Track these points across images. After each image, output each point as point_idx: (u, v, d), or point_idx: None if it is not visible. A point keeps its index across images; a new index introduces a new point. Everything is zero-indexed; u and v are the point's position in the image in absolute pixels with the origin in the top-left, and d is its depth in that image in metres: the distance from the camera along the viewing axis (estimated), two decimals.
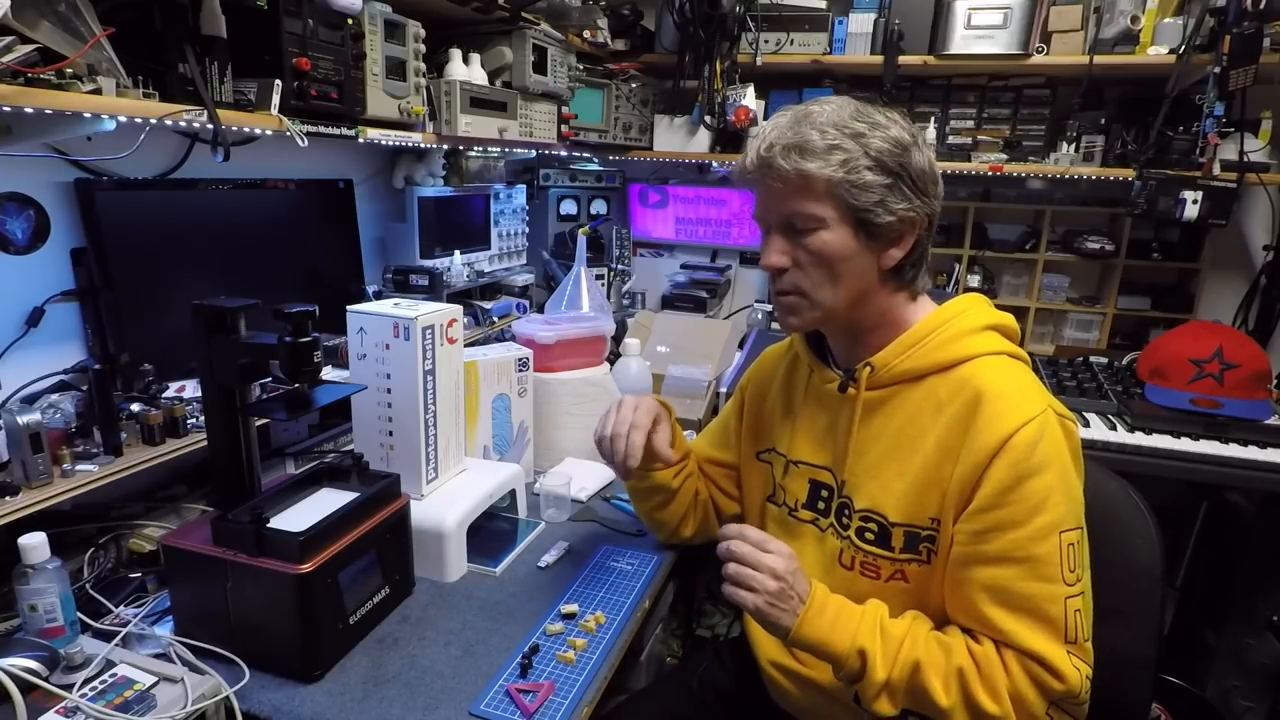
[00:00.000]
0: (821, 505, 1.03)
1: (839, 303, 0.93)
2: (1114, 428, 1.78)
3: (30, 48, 0.84)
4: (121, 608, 1.06)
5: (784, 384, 1.12)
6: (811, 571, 1.00)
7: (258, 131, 1.20)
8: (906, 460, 0.92)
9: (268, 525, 0.95)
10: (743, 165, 0.94)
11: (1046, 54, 1.97)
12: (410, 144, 1.47)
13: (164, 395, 1.21)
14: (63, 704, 0.83)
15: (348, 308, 1.20)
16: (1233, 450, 1.67)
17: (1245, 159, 1.84)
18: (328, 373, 1.13)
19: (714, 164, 2.44)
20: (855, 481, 0.97)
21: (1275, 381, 1.88)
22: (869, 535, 0.95)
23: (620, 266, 2.34)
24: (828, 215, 0.89)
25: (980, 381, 0.88)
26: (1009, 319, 0.98)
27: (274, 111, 1.12)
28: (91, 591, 1.07)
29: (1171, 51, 1.86)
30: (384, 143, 1.41)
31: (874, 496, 0.95)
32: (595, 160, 2.45)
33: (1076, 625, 0.83)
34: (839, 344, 1.02)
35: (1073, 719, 0.87)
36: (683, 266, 2.71)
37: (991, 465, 0.84)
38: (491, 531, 1.32)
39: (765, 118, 2.21)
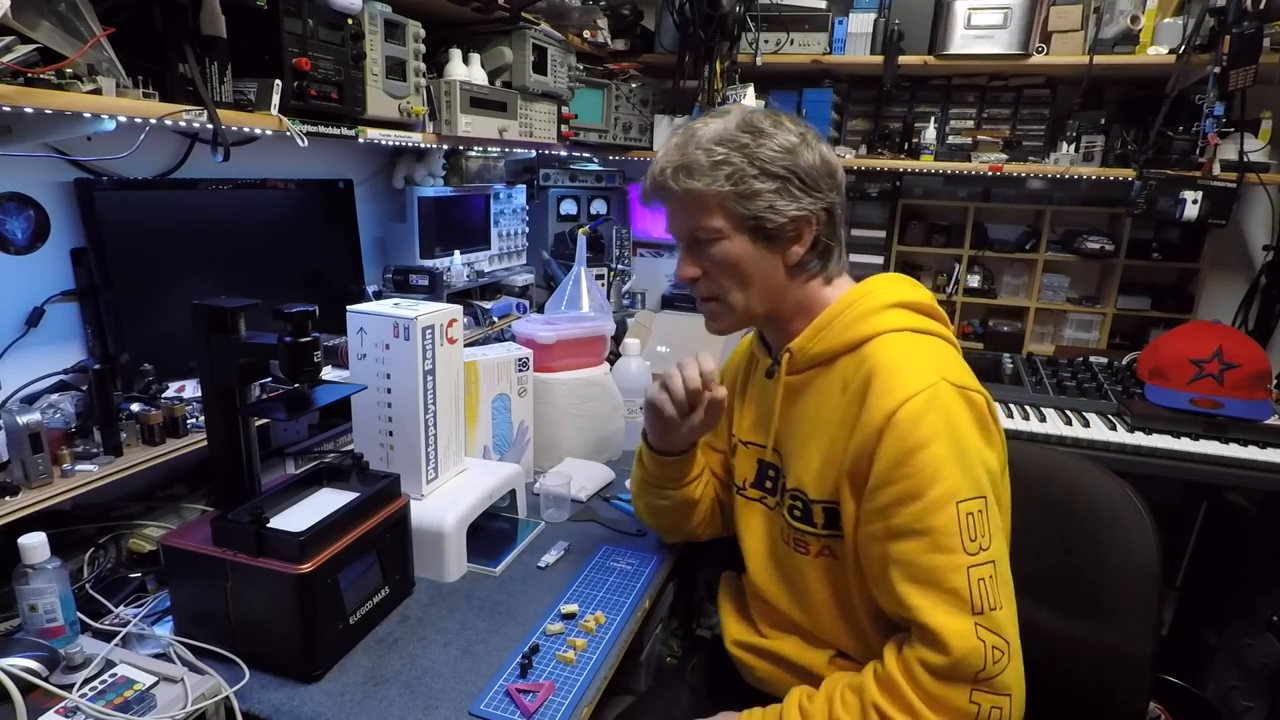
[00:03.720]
0: (769, 485, 1.07)
1: (753, 302, 0.99)
2: (1114, 428, 1.78)
3: (30, 48, 0.84)
4: (121, 608, 1.06)
5: (744, 370, 1.16)
6: (759, 548, 1.08)
7: (258, 131, 1.20)
8: (819, 438, 0.96)
9: (268, 525, 0.95)
10: (644, 190, 1.01)
11: (1046, 54, 1.97)
12: (410, 144, 1.47)
13: (164, 395, 1.21)
14: (63, 704, 0.83)
15: (348, 308, 1.19)
16: (1232, 450, 1.67)
17: (1245, 159, 1.84)
18: (328, 373, 1.13)
19: None
20: (786, 462, 1.02)
21: (1275, 381, 1.89)
22: (796, 512, 0.99)
23: (620, 266, 2.34)
24: (723, 226, 0.95)
25: (875, 359, 0.90)
26: (921, 293, 0.99)
27: (274, 111, 1.12)
28: (91, 591, 1.07)
29: (1171, 51, 1.86)
30: (384, 143, 1.41)
31: (798, 475, 0.99)
32: (595, 160, 2.45)
33: (983, 594, 0.82)
34: (770, 333, 1.07)
35: (999, 696, 0.81)
36: None
37: (881, 441, 0.86)
38: (491, 531, 1.32)
39: None
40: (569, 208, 2.44)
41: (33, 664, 0.84)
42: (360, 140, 1.32)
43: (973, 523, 0.83)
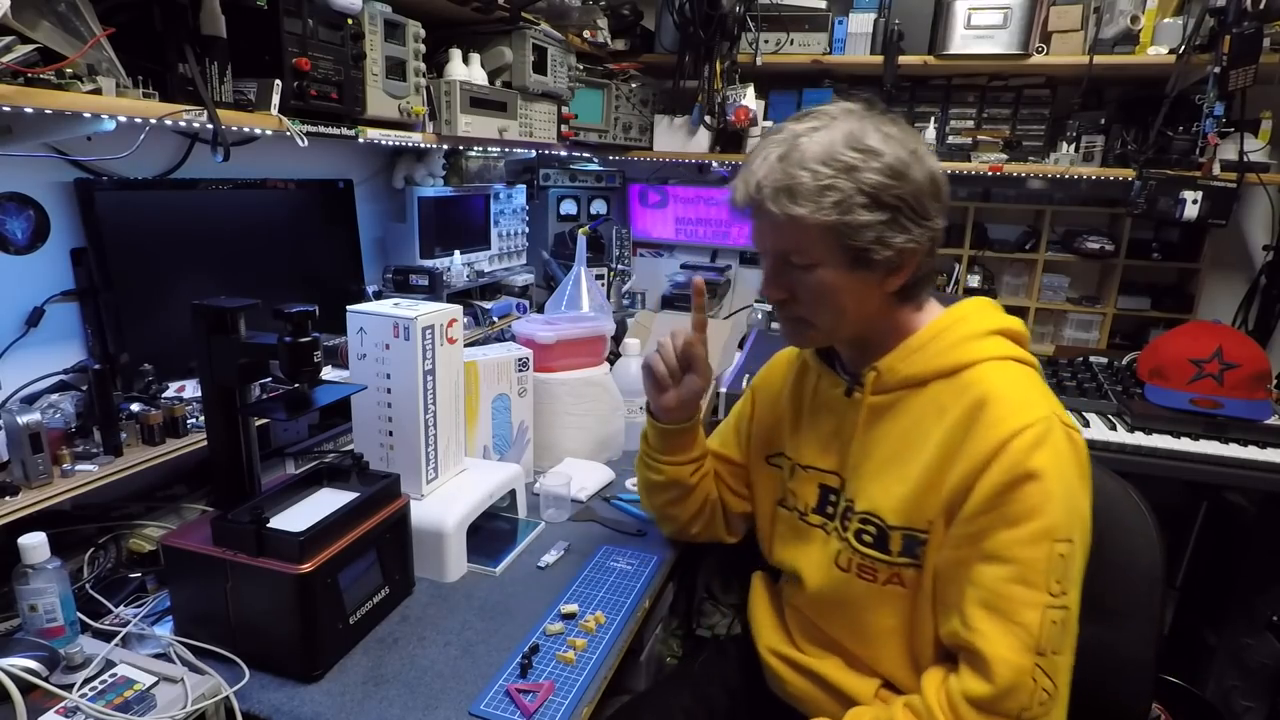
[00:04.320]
0: (830, 509, 1.03)
1: (842, 327, 0.95)
2: (1114, 428, 1.78)
3: (30, 48, 0.84)
4: (121, 608, 1.06)
5: (794, 389, 1.12)
6: (814, 572, 1.03)
7: (258, 131, 1.20)
8: (908, 464, 0.91)
9: (268, 525, 0.95)
10: (733, 201, 0.94)
11: (1046, 54, 1.97)
12: (410, 144, 1.47)
13: (164, 395, 1.21)
14: (62, 704, 0.83)
15: (348, 308, 1.19)
16: (1232, 450, 1.67)
17: (1245, 159, 1.84)
18: (328, 373, 1.13)
19: (714, 164, 2.44)
20: (858, 485, 0.97)
21: (1275, 381, 1.88)
22: (866, 538, 0.95)
23: (620, 266, 2.34)
24: (823, 255, 0.88)
25: (984, 387, 0.87)
26: (1016, 323, 0.96)
27: (274, 111, 1.12)
28: (91, 591, 1.07)
29: (1171, 51, 1.85)
30: (384, 143, 1.41)
31: (874, 499, 0.94)
32: (595, 160, 2.45)
33: (1050, 637, 0.81)
34: (846, 351, 1.02)
35: None
36: (683, 266, 2.71)
37: (988, 468, 0.83)
38: (491, 531, 1.32)
39: (765, 117, 2.23)
40: (569, 208, 2.45)
41: (33, 664, 0.84)
42: (360, 140, 1.32)
43: (1061, 564, 0.82)
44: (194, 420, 1.18)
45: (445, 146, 1.66)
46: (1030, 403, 0.85)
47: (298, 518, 1.02)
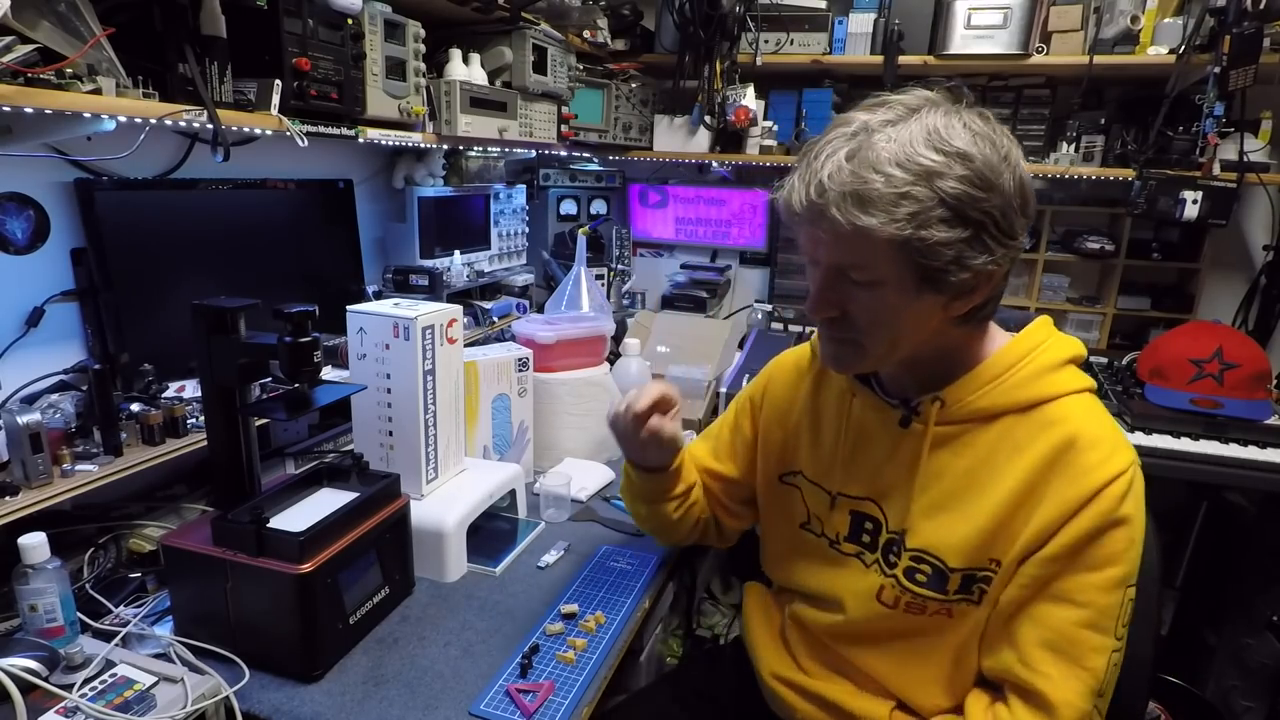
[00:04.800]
0: (866, 539, 0.95)
1: (896, 351, 0.84)
2: None
3: (30, 48, 0.84)
4: (121, 608, 1.06)
5: (810, 402, 1.03)
6: (851, 603, 0.95)
7: (258, 131, 1.20)
8: (976, 503, 0.85)
9: (268, 525, 0.95)
10: (788, 203, 0.79)
11: (1046, 54, 1.97)
12: (410, 144, 1.47)
13: (164, 395, 1.21)
14: (63, 704, 0.83)
15: (348, 308, 1.20)
16: (1232, 450, 1.67)
17: (1245, 159, 1.84)
18: (328, 373, 1.13)
19: (714, 164, 2.44)
20: (910, 521, 0.89)
21: (1275, 381, 1.88)
22: (920, 578, 0.88)
23: (620, 266, 2.34)
24: (889, 273, 0.76)
25: (1072, 427, 0.81)
26: (1081, 348, 0.89)
27: (274, 111, 1.12)
28: (91, 591, 1.07)
29: (1171, 51, 1.85)
30: (384, 143, 1.41)
31: (931, 537, 0.87)
32: (595, 160, 2.45)
33: (1111, 680, 0.81)
34: (899, 376, 0.92)
35: None
36: (683, 266, 2.71)
37: (1079, 514, 0.79)
38: (491, 531, 1.32)
39: (765, 117, 2.22)
40: (569, 208, 2.45)
41: (33, 664, 0.84)
42: (360, 140, 1.32)
43: (1129, 610, 0.82)
44: (194, 420, 1.18)
45: (445, 146, 1.65)
46: (1120, 446, 0.81)
47: (298, 518, 1.02)
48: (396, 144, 1.45)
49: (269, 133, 1.16)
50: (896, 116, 0.76)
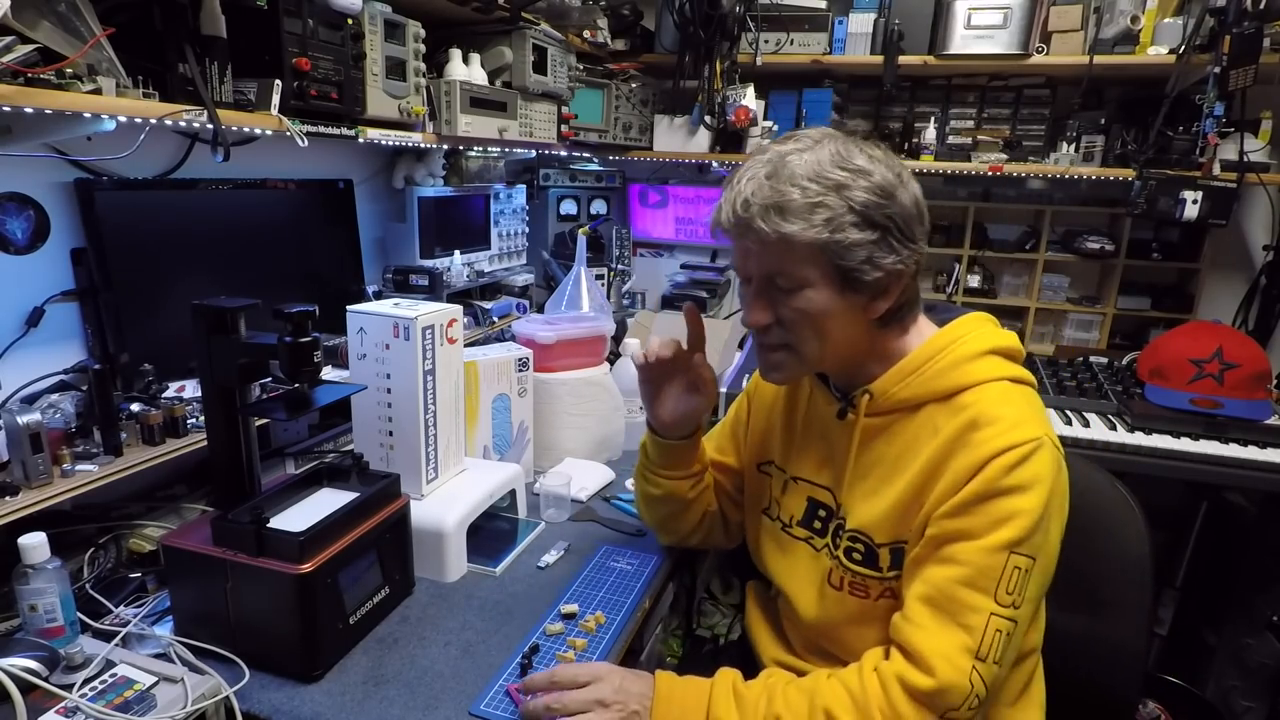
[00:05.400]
0: (818, 525, 1.03)
1: (827, 354, 0.93)
2: (1114, 428, 1.78)
3: (30, 48, 0.84)
4: (121, 608, 1.06)
5: (786, 400, 1.11)
6: (804, 589, 1.03)
7: (258, 131, 1.20)
8: (897, 484, 0.92)
9: (268, 525, 0.95)
10: (717, 221, 0.91)
11: (1046, 54, 1.97)
12: (410, 144, 1.47)
13: (164, 395, 1.21)
14: (63, 704, 0.83)
15: (348, 308, 1.19)
16: (1232, 450, 1.67)
17: (1245, 159, 1.84)
18: (328, 373, 1.13)
19: (714, 164, 2.44)
20: (850, 504, 0.98)
21: (1275, 381, 1.89)
22: (856, 556, 0.96)
23: (620, 266, 2.34)
24: (812, 275, 0.87)
25: (978, 409, 0.87)
26: (1011, 340, 0.95)
27: (274, 111, 1.13)
28: (91, 591, 1.07)
29: (1171, 51, 1.86)
30: (384, 143, 1.41)
31: (864, 517, 0.95)
32: (595, 160, 2.45)
33: (992, 646, 0.81)
34: (834, 372, 1.02)
35: None
36: (683, 266, 2.71)
37: (969, 482, 0.84)
38: (491, 531, 1.32)
39: (765, 117, 2.23)
40: (569, 208, 2.45)
41: (33, 664, 0.84)
42: (360, 140, 1.32)
43: (1017, 577, 0.82)
44: (194, 420, 1.18)
45: (445, 146, 1.66)
46: (1021, 423, 0.85)
47: (298, 518, 1.02)
48: (396, 144, 1.45)
49: (269, 133, 1.16)
50: (805, 145, 0.88)
